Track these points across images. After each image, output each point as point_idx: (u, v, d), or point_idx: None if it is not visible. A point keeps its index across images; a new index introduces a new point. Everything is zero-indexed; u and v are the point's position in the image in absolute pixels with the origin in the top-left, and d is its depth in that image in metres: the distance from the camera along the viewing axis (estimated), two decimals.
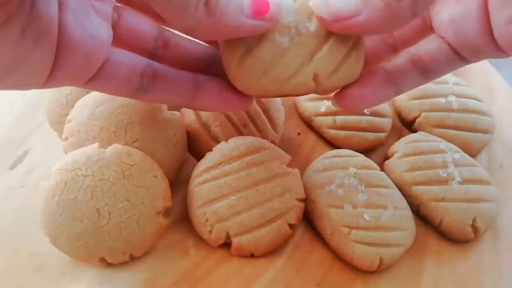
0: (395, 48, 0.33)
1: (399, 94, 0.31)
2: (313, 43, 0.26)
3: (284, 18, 0.26)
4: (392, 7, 0.23)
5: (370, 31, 0.25)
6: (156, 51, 0.30)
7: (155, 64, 0.28)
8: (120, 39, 0.28)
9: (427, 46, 0.30)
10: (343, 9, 0.24)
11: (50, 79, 0.23)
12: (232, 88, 0.29)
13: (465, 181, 0.36)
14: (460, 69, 0.35)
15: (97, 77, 0.26)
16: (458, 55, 0.30)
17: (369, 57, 0.32)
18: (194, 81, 0.29)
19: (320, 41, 0.27)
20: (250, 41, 0.26)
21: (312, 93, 0.28)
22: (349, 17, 0.24)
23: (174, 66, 0.30)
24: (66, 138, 0.34)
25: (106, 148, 0.31)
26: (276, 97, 0.34)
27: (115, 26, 0.28)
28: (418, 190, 0.36)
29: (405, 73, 0.30)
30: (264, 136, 0.38)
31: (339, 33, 0.26)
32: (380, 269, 0.33)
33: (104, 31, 0.25)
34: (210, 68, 0.31)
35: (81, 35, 0.23)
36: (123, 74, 0.27)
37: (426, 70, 0.30)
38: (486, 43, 0.28)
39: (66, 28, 0.23)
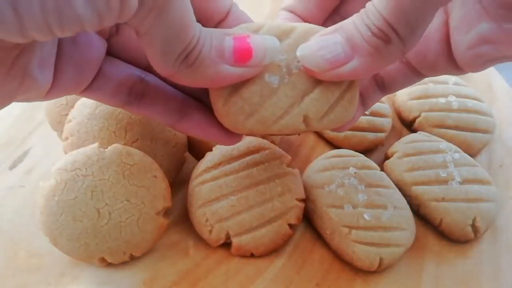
0: None
1: (366, 110, 0.32)
2: (305, 83, 0.25)
3: (274, 58, 0.25)
4: (381, 51, 0.23)
5: (360, 75, 0.24)
6: (150, 68, 0.29)
7: (148, 79, 0.28)
8: (116, 51, 0.28)
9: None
10: (332, 58, 0.23)
11: (49, 93, 0.24)
12: (219, 122, 0.28)
13: (465, 181, 0.36)
14: None
15: (88, 89, 0.26)
16: (415, 72, 0.31)
17: None
18: (183, 106, 0.28)
19: (313, 82, 0.25)
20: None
21: (302, 133, 0.28)
22: (339, 66, 0.23)
23: (168, 83, 0.29)
24: (66, 138, 0.34)
25: (106, 148, 0.31)
26: (264, 135, 0.32)
27: (111, 39, 0.27)
28: (418, 190, 0.36)
29: (370, 91, 0.31)
30: (264, 136, 0.38)
31: None
32: (380, 269, 0.33)
33: (99, 44, 0.25)
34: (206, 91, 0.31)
35: (76, 49, 0.24)
36: (112, 87, 0.27)
37: (384, 87, 0.32)
38: (445, 63, 0.29)
39: (61, 46, 0.23)
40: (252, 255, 0.34)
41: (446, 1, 0.23)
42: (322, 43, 0.24)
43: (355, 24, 0.23)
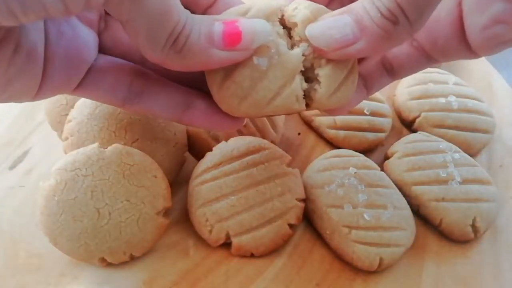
0: None
1: (370, 95, 0.32)
2: (295, 63, 0.25)
3: (264, 40, 0.25)
4: (389, 31, 0.23)
5: (366, 54, 0.25)
6: (146, 61, 0.29)
7: (148, 74, 0.28)
8: (109, 47, 0.28)
9: (396, 50, 0.31)
10: (341, 38, 0.24)
11: (39, 92, 0.24)
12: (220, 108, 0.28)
13: (465, 181, 0.36)
14: (460, 69, 0.36)
15: (83, 84, 0.26)
16: (426, 56, 0.31)
17: None
18: (186, 97, 0.29)
19: (310, 62, 0.26)
20: (229, 65, 0.25)
21: (299, 112, 0.27)
22: (347, 46, 0.24)
23: (167, 77, 0.29)
24: (66, 138, 0.34)
25: (106, 148, 0.31)
26: (262, 117, 0.32)
27: (102, 34, 0.27)
28: (418, 190, 0.36)
29: (376, 75, 0.31)
30: (264, 136, 0.38)
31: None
32: (380, 269, 0.33)
33: (89, 38, 0.25)
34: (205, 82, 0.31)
35: (63, 43, 0.24)
36: (109, 83, 0.27)
37: (393, 72, 0.32)
38: (457, 46, 0.29)
39: (48, 39, 0.23)
40: (252, 255, 0.34)
41: None
42: (331, 24, 0.24)
43: (364, 6, 0.23)
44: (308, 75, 0.27)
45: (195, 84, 0.29)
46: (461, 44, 0.29)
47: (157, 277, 0.32)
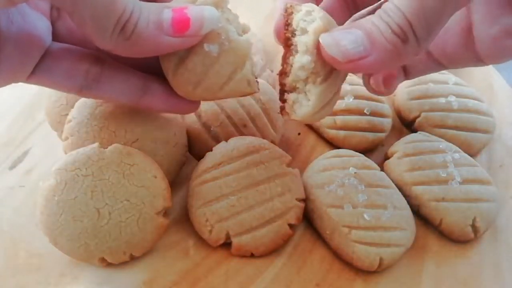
0: None
1: (391, 93, 0.34)
2: (245, 48, 0.26)
3: (213, 26, 0.26)
4: (398, 49, 0.24)
5: (376, 70, 0.26)
6: (101, 50, 0.29)
7: (104, 61, 0.28)
8: (64, 36, 0.28)
9: None
10: (353, 51, 0.24)
11: None
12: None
13: (465, 181, 0.36)
14: (460, 69, 0.36)
15: (37, 71, 0.26)
16: (436, 62, 0.32)
17: None
18: (143, 82, 0.29)
19: (307, 75, 0.27)
20: (182, 51, 0.26)
21: (252, 94, 0.29)
22: (359, 59, 0.24)
23: (125, 63, 0.29)
24: (66, 138, 0.34)
25: (106, 148, 0.31)
26: (218, 99, 0.33)
27: (56, 23, 0.28)
28: (418, 190, 0.36)
29: (395, 73, 0.33)
30: (264, 136, 0.38)
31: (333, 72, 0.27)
32: (380, 269, 0.33)
33: (41, 25, 0.26)
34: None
35: (14, 30, 0.24)
36: (64, 69, 0.27)
37: (407, 72, 0.34)
38: (466, 55, 0.30)
39: None
40: (252, 255, 0.34)
41: (464, 4, 0.23)
42: (344, 35, 0.25)
43: (373, 22, 0.24)
44: (297, 86, 0.28)
45: (153, 69, 0.30)
46: (469, 53, 0.30)
47: (157, 277, 0.32)
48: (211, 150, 0.36)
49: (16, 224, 0.34)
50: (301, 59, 0.27)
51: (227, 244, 0.34)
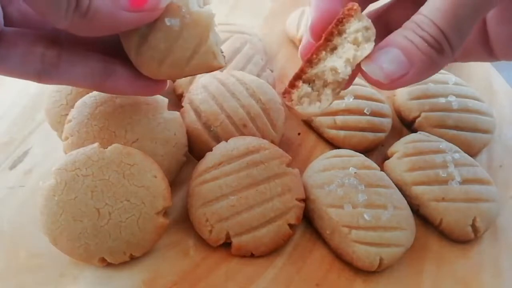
0: None
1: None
2: (207, 19, 0.26)
3: None
4: (435, 60, 0.24)
5: (415, 82, 0.26)
6: (58, 33, 0.28)
7: (61, 44, 0.27)
8: (16, 20, 0.27)
9: None
10: (395, 70, 0.25)
11: None
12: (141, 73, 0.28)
13: (465, 181, 0.36)
14: (460, 69, 0.36)
15: None
16: None
17: None
18: (106, 65, 0.28)
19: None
20: (143, 29, 0.26)
21: (219, 69, 0.28)
22: (402, 76, 0.25)
23: (85, 46, 0.28)
24: (66, 138, 0.34)
25: (106, 148, 0.31)
26: (185, 77, 0.32)
27: (7, 8, 0.27)
28: (418, 190, 0.36)
29: None
30: (264, 136, 0.38)
31: None
32: (380, 269, 0.33)
33: None
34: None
35: None
36: (19, 55, 0.26)
37: None
38: (480, 50, 0.31)
39: None
40: (252, 255, 0.34)
41: (495, 5, 0.24)
42: (383, 57, 0.25)
43: (405, 37, 0.24)
44: (316, 82, 0.28)
45: (115, 51, 0.29)
46: (483, 49, 0.30)
47: (157, 277, 0.32)
48: (211, 150, 0.36)
49: (16, 224, 0.34)
50: (340, 66, 0.27)
51: (227, 244, 0.34)
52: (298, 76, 0.29)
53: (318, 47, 0.28)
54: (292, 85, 0.29)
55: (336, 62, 0.27)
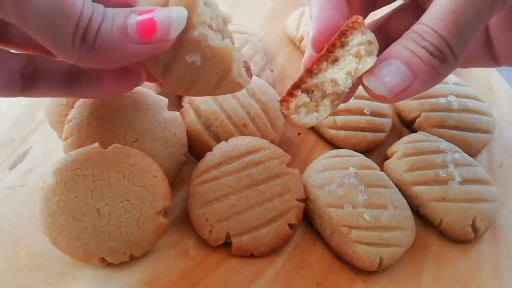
0: None
1: None
2: (229, 54, 0.25)
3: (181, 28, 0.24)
4: (438, 69, 0.24)
5: (419, 93, 0.26)
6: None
7: (36, 58, 0.27)
8: (10, 37, 0.27)
9: None
10: (398, 83, 0.24)
11: None
12: (111, 73, 0.28)
13: (465, 181, 0.36)
14: (460, 69, 0.36)
15: None
16: None
17: None
18: (70, 71, 0.28)
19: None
20: (165, 58, 0.25)
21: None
22: (405, 89, 0.25)
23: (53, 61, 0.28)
24: (66, 138, 0.34)
25: (106, 148, 0.31)
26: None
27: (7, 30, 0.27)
28: (418, 190, 0.36)
29: None
30: (264, 136, 0.38)
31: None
32: (380, 269, 0.33)
33: None
34: None
35: None
36: (6, 77, 0.26)
37: None
38: (484, 56, 0.30)
39: None
40: (252, 255, 0.34)
41: (499, 11, 0.24)
42: (385, 70, 0.25)
43: (407, 48, 0.24)
44: (314, 92, 0.28)
45: None
46: (486, 55, 0.30)
47: (157, 277, 0.32)
48: (211, 150, 0.36)
49: (16, 224, 0.34)
50: (341, 78, 0.27)
51: (227, 244, 0.34)
52: (297, 85, 0.28)
53: (319, 58, 0.28)
54: (290, 93, 0.28)
55: (337, 74, 0.27)
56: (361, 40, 0.27)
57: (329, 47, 0.27)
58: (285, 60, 0.50)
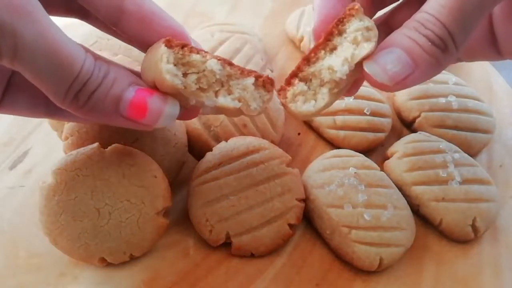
0: None
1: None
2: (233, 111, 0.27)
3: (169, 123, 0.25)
4: (439, 59, 0.24)
5: (419, 82, 0.25)
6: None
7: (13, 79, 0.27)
8: None
9: None
10: (400, 72, 0.24)
11: None
12: None
13: (465, 181, 0.36)
14: (460, 69, 0.36)
15: (2, 101, 0.26)
16: None
17: None
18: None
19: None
20: None
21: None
22: (406, 77, 0.24)
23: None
24: (66, 138, 0.34)
25: (106, 148, 0.31)
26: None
27: None
28: (418, 190, 0.36)
29: None
30: (264, 136, 0.38)
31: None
32: (380, 269, 0.33)
33: None
34: None
35: None
36: (27, 98, 0.27)
37: None
38: (487, 49, 0.30)
39: None
40: (252, 255, 0.34)
41: (499, 1, 0.23)
42: (386, 57, 0.24)
43: (408, 36, 0.24)
44: (312, 80, 0.27)
45: None
46: (490, 48, 0.30)
47: (157, 277, 0.32)
48: (211, 150, 0.36)
49: (16, 224, 0.34)
50: (337, 65, 0.26)
51: (227, 244, 0.34)
52: (294, 74, 0.28)
53: (317, 46, 0.27)
54: (288, 82, 0.28)
55: (334, 61, 0.27)
56: (358, 26, 0.26)
57: (327, 35, 0.27)
58: (285, 60, 0.50)
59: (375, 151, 0.42)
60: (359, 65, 0.26)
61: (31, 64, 0.21)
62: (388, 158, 0.40)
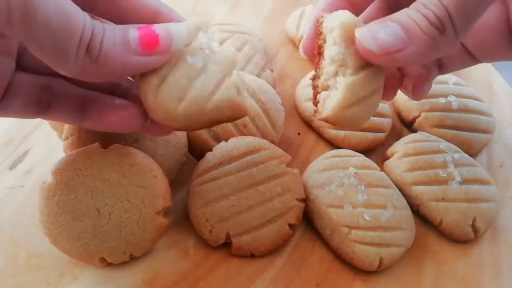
0: None
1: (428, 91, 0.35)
2: (232, 57, 0.26)
3: (181, 43, 0.25)
4: (435, 40, 0.23)
5: (414, 62, 0.25)
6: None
7: (53, 86, 0.28)
8: (28, 64, 0.28)
9: None
10: (391, 43, 0.24)
11: None
12: (117, 108, 0.28)
13: (465, 181, 0.36)
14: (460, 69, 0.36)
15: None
16: (472, 56, 0.32)
17: None
18: (83, 100, 0.28)
19: (336, 69, 0.27)
20: (163, 71, 0.25)
21: (244, 110, 0.27)
22: (397, 51, 0.24)
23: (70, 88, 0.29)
24: (66, 138, 0.34)
25: (106, 148, 0.31)
26: (201, 126, 0.27)
27: (24, 54, 0.27)
28: (418, 190, 0.36)
29: (432, 69, 0.34)
30: (264, 136, 0.38)
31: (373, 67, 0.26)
32: (380, 269, 0.33)
33: (4, 64, 0.25)
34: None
35: None
36: (21, 102, 0.26)
37: (442, 67, 0.35)
38: (506, 50, 0.30)
39: None
40: (252, 255, 0.34)
41: None
42: (381, 28, 0.24)
43: (408, 15, 0.24)
44: (329, 84, 0.28)
45: (95, 87, 0.29)
46: (509, 47, 0.30)
47: (157, 277, 0.32)
48: (211, 150, 0.36)
49: (16, 224, 0.34)
50: (330, 52, 0.27)
51: (227, 244, 0.34)
52: (315, 94, 0.29)
53: (317, 63, 0.29)
54: (315, 103, 0.29)
55: (329, 52, 0.27)
56: (328, 20, 0.28)
57: (317, 49, 0.29)
58: (285, 60, 0.50)
59: (375, 151, 0.42)
60: (392, 77, 0.27)
61: (41, 28, 0.20)
62: (388, 158, 0.40)
